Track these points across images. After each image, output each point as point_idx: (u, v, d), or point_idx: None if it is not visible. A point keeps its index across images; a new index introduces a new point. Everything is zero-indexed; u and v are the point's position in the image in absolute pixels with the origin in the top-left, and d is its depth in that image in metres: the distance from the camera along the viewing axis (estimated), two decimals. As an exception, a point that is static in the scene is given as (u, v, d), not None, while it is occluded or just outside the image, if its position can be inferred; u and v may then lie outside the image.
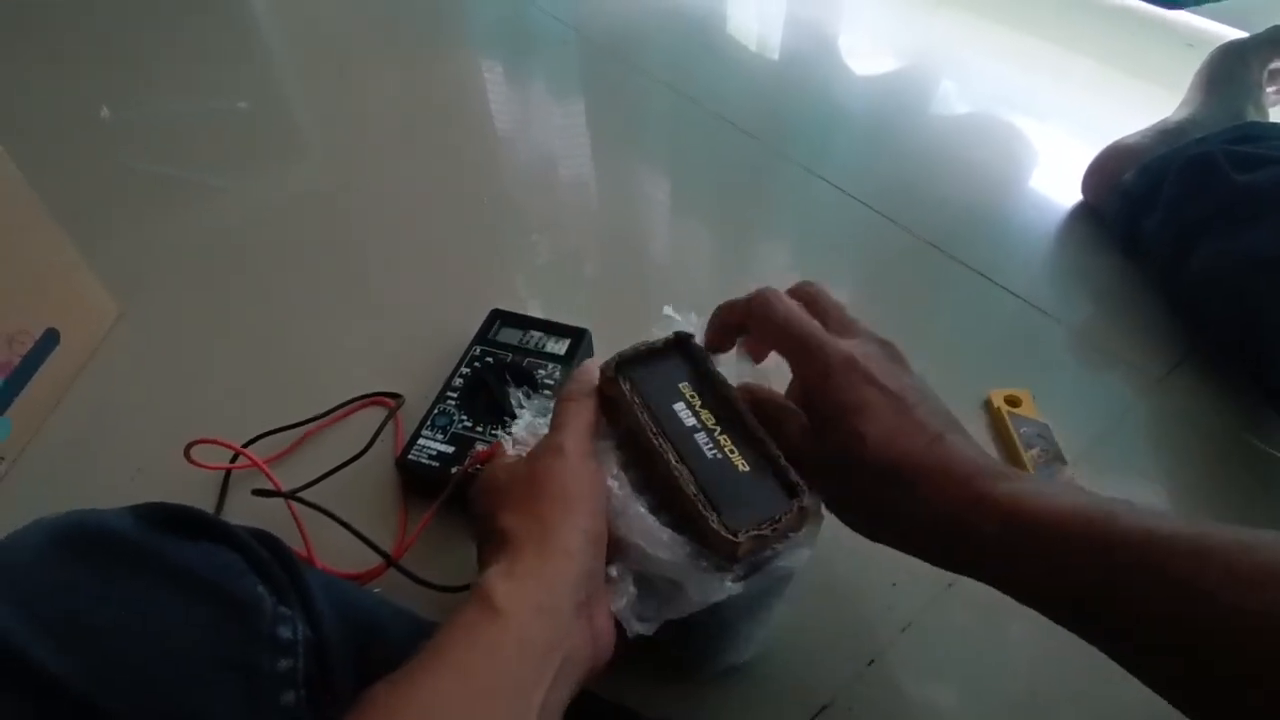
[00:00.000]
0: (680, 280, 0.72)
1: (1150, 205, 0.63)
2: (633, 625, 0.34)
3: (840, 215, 0.77)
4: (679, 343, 0.39)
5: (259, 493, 0.48)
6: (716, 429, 0.36)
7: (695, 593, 0.33)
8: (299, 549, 0.49)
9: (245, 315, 0.69)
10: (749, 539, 0.32)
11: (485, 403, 0.56)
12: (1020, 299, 0.67)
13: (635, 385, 0.37)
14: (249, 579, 0.32)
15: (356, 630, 0.35)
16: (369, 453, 0.55)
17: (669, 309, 0.40)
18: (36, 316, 0.58)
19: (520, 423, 0.40)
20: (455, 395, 0.56)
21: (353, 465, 0.54)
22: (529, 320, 0.61)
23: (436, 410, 0.55)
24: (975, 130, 0.89)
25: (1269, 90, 0.68)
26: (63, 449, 0.59)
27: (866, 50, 1.05)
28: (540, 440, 0.36)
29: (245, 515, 0.51)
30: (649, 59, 1.00)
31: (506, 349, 0.59)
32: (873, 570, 0.50)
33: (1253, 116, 0.64)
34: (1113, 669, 0.36)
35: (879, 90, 0.97)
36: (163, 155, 0.88)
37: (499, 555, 0.31)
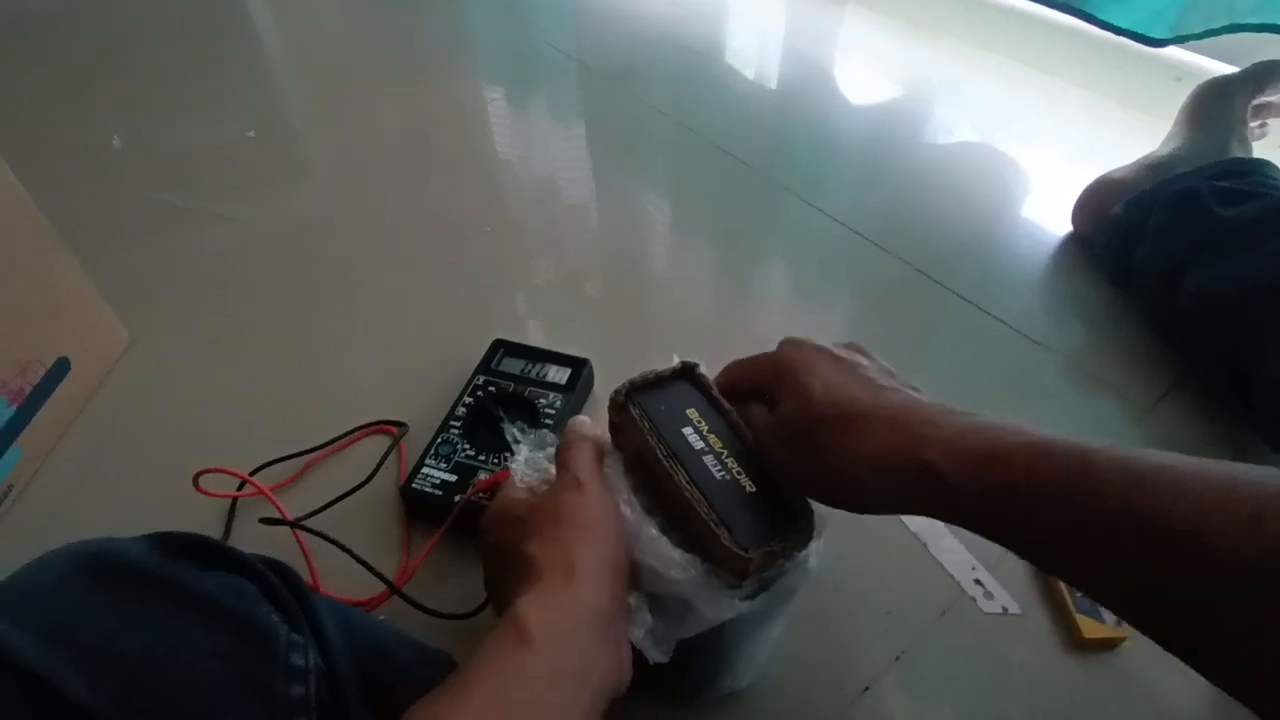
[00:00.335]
0: (679, 308, 0.74)
1: (1139, 237, 0.65)
2: (652, 654, 0.35)
3: (835, 244, 0.79)
4: (685, 371, 0.41)
5: (266, 521, 0.49)
6: (724, 452, 0.38)
7: (708, 610, 0.35)
8: (305, 576, 0.50)
9: (253, 343, 0.70)
10: (760, 555, 0.34)
11: (488, 432, 0.57)
12: (1011, 328, 0.68)
13: (645, 411, 0.39)
14: (263, 606, 0.32)
15: (364, 657, 0.36)
16: (373, 481, 0.56)
17: (677, 357, 0.42)
18: (49, 345, 0.60)
19: (519, 458, 0.41)
20: (458, 424, 0.57)
21: (357, 493, 0.55)
22: (531, 350, 0.62)
23: (440, 439, 0.56)
24: (968, 160, 0.91)
25: (1252, 125, 0.70)
26: (72, 476, 0.60)
27: (862, 81, 1.07)
28: (556, 479, 0.37)
29: (251, 542, 0.52)
30: (649, 89, 1.02)
31: (509, 378, 0.60)
32: (868, 598, 0.51)
33: (1236, 151, 0.66)
34: (1109, 694, 0.37)
35: (874, 121, 0.99)
36: (173, 183, 0.89)
37: (527, 584, 0.32)
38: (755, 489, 0.36)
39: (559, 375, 0.60)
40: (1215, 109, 0.69)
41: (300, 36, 1.25)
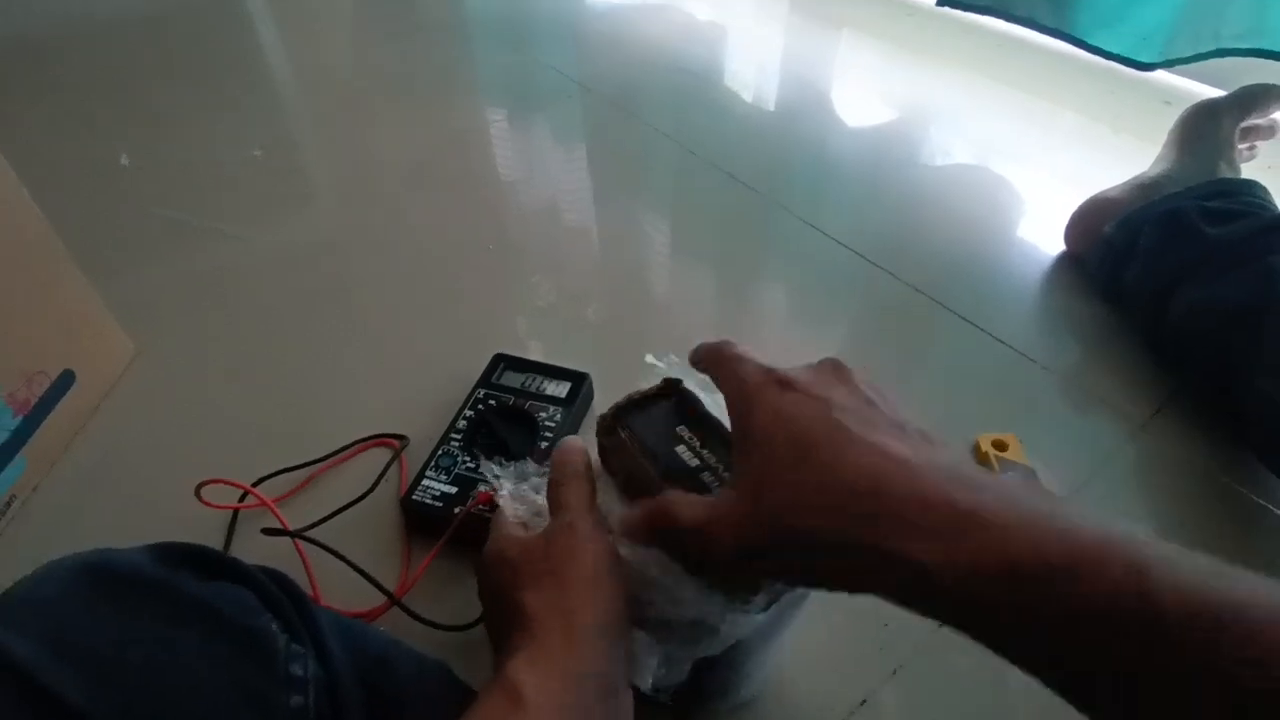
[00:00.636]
0: (679, 326, 0.75)
1: (1130, 256, 0.66)
2: (665, 686, 0.35)
3: (833, 263, 0.80)
4: (669, 388, 0.41)
5: (267, 531, 0.50)
6: (719, 466, 0.37)
7: (724, 630, 0.34)
8: (305, 588, 0.50)
9: (256, 356, 0.71)
10: None
11: (488, 445, 0.57)
12: (1007, 345, 0.69)
13: (634, 432, 0.38)
14: (263, 616, 0.33)
15: (365, 668, 0.36)
16: (374, 493, 0.56)
17: (650, 357, 0.42)
18: (55, 357, 0.60)
19: (503, 495, 0.40)
20: (459, 437, 0.58)
21: (358, 505, 0.55)
22: (531, 364, 0.63)
23: (440, 451, 0.57)
24: (964, 181, 0.93)
25: (1241, 147, 0.71)
26: (75, 487, 0.60)
27: (859, 104, 1.09)
28: (551, 519, 0.36)
29: (252, 553, 0.52)
30: (650, 112, 1.04)
31: (509, 392, 0.61)
32: (865, 611, 0.51)
33: (1225, 173, 0.67)
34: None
35: (871, 143, 1.01)
36: (180, 201, 0.91)
37: (522, 639, 0.31)
38: None
39: (559, 389, 0.61)
40: (1204, 131, 0.70)
41: (307, 61, 1.27)
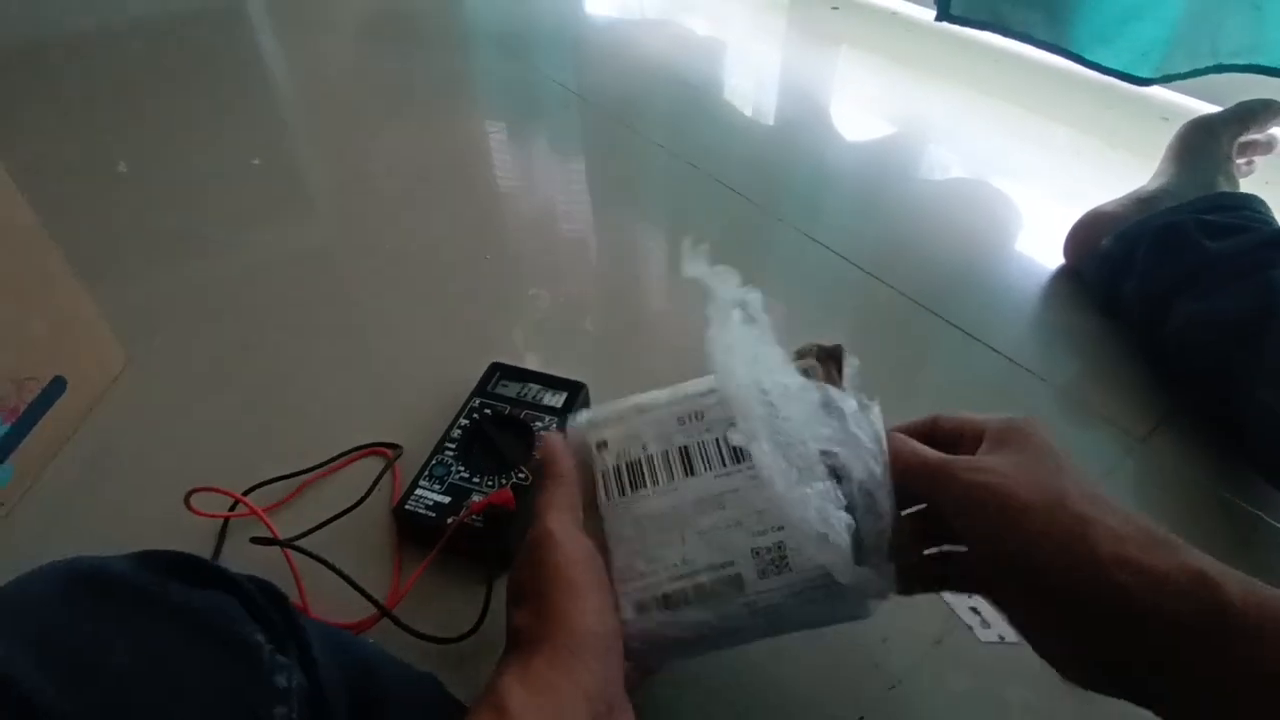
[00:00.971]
0: (675, 335, 0.74)
1: (1127, 270, 0.66)
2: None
3: (832, 275, 0.79)
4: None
5: (257, 540, 0.49)
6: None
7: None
8: (294, 598, 0.50)
9: (251, 365, 0.71)
10: None
11: (483, 454, 0.57)
12: (1006, 358, 0.69)
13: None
14: (248, 626, 0.32)
15: (352, 679, 0.36)
16: (367, 502, 0.56)
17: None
18: (46, 363, 0.60)
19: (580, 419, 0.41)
20: (454, 446, 0.57)
21: (350, 514, 0.55)
22: (527, 373, 0.62)
23: (434, 461, 0.56)
24: (962, 195, 0.93)
25: (1239, 162, 0.71)
26: (64, 495, 0.59)
27: (856, 118, 1.09)
28: (531, 530, 0.36)
29: (242, 563, 0.51)
30: (648, 123, 1.04)
31: (505, 401, 0.60)
32: (862, 625, 0.50)
33: (1223, 187, 0.67)
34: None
35: (869, 156, 1.01)
36: (177, 209, 0.90)
37: (514, 656, 0.31)
38: None
39: (555, 399, 0.60)
40: (1202, 146, 0.70)
41: (308, 70, 1.28)
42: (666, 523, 0.36)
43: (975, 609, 0.51)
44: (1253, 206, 0.63)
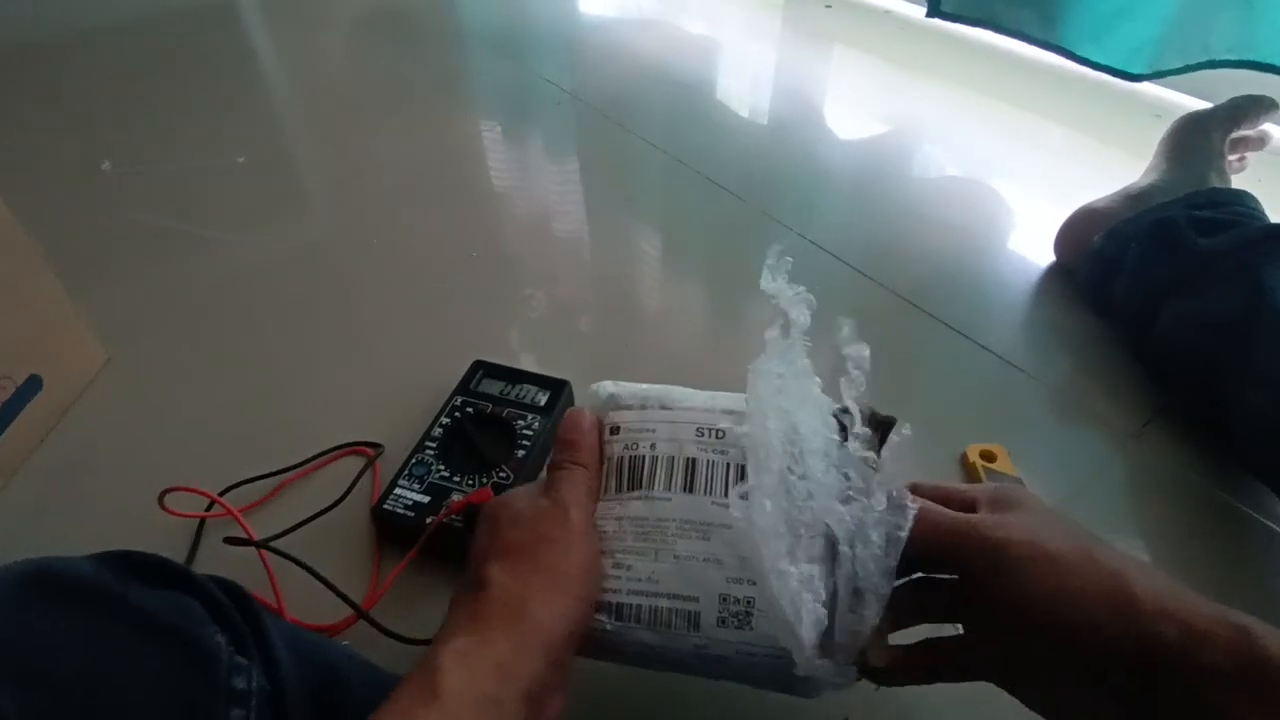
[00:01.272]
0: (664, 335, 0.73)
1: (1118, 267, 0.65)
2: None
3: (823, 274, 0.79)
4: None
5: (230, 540, 0.48)
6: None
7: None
8: (269, 599, 0.49)
9: (231, 363, 0.70)
10: None
11: (464, 453, 0.56)
12: (997, 356, 0.68)
13: None
14: (208, 628, 0.31)
15: (318, 682, 0.35)
16: (346, 502, 0.55)
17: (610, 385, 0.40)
18: (20, 362, 0.59)
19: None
20: (434, 445, 0.56)
21: (329, 514, 0.54)
22: (510, 371, 0.62)
23: (414, 460, 0.55)
24: (954, 193, 0.92)
25: (1231, 159, 0.70)
26: (39, 495, 0.58)
27: (849, 117, 1.08)
28: (543, 498, 0.35)
29: (217, 564, 0.51)
30: (640, 122, 1.03)
31: (487, 399, 0.59)
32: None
33: (1215, 183, 0.67)
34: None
35: (862, 154, 1.01)
36: (160, 207, 0.90)
37: (465, 620, 0.29)
38: None
39: (539, 397, 0.60)
40: (1193, 143, 0.70)
41: (298, 69, 1.27)
42: (647, 532, 0.35)
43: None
44: (1244, 202, 0.63)
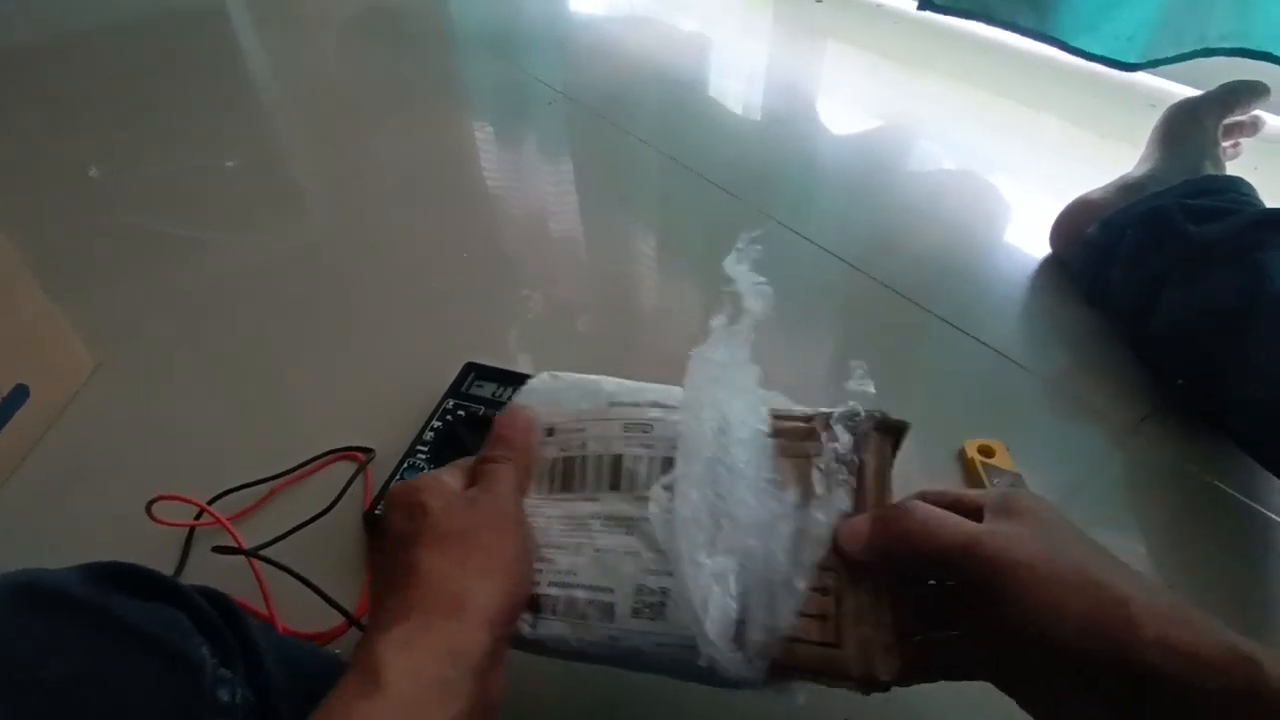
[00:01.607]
0: (658, 334, 0.73)
1: (1113, 258, 0.65)
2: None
3: (819, 270, 0.78)
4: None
5: (219, 549, 0.48)
6: None
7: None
8: (260, 608, 0.48)
9: (220, 369, 0.69)
10: None
11: (456, 456, 0.55)
12: (994, 350, 0.68)
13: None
14: (194, 639, 0.31)
15: (306, 692, 0.34)
16: (337, 508, 0.54)
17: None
18: (6, 372, 0.58)
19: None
20: (426, 449, 0.56)
21: (320, 521, 0.53)
22: (502, 373, 0.61)
23: (406, 464, 0.55)
24: (949, 186, 0.92)
25: (1225, 145, 0.70)
26: (27, 506, 0.58)
27: (843, 113, 1.08)
28: (474, 489, 0.34)
29: (207, 573, 0.50)
30: (634, 121, 1.03)
31: (479, 402, 0.59)
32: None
33: (1209, 171, 0.66)
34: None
35: (855, 149, 1.00)
36: (146, 213, 0.89)
37: (401, 609, 0.28)
38: None
39: (530, 399, 0.59)
40: (1186, 131, 0.69)
41: (289, 71, 1.26)
42: (573, 529, 0.35)
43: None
44: (1238, 189, 0.62)
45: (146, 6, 1.39)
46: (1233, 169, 0.69)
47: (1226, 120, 0.69)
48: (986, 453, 0.57)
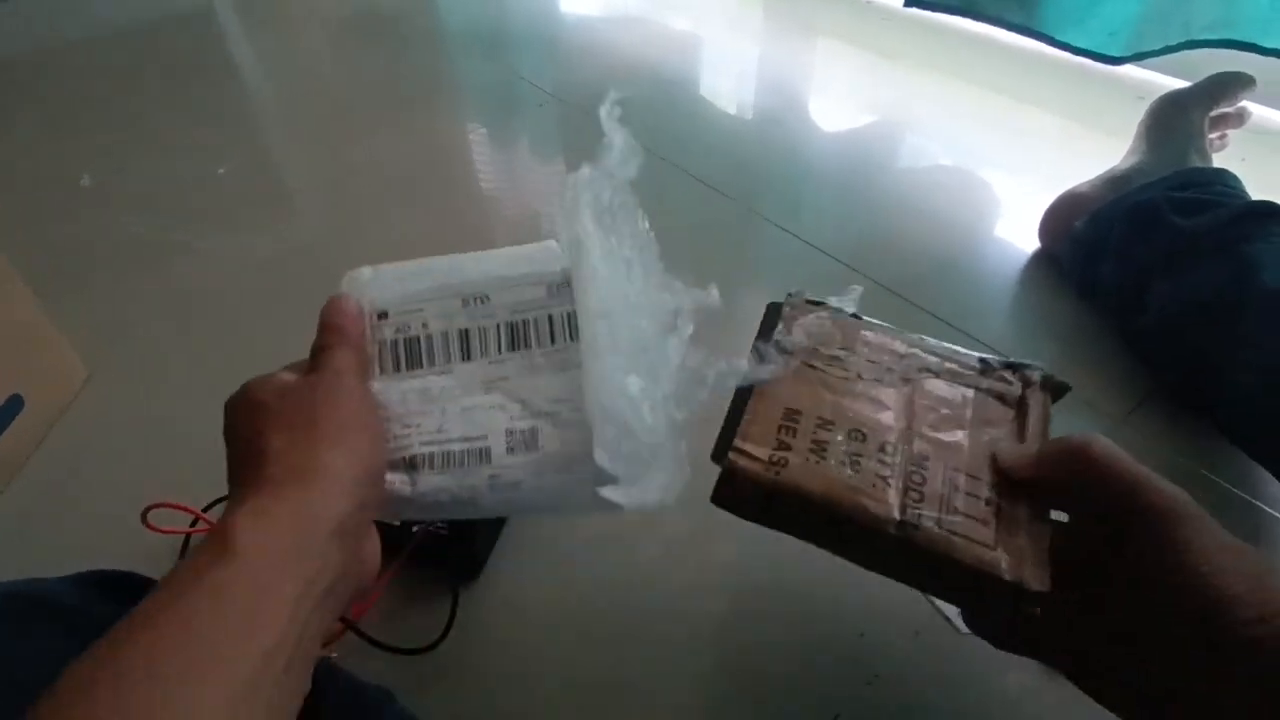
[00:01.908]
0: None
1: (1102, 251, 0.65)
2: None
3: (810, 268, 0.78)
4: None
5: (214, 556, 0.48)
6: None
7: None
8: (256, 613, 0.48)
9: (215, 375, 0.68)
10: None
11: (449, 459, 0.55)
12: (984, 344, 0.68)
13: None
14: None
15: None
16: (331, 512, 0.54)
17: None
18: (1, 381, 0.59)
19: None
20: (419, 452, 0.56)
21: (314, 525, 0.53)
22: (495, 376, 0.61)
23: (399, 468, 0.55)
24: (939, 182, 0.92)
25: (1211, 137, 0.70)
26: (23, 515, 0.58)
27: (833, 109, 1.08)
28: (311, 373, 0.35)
29: (204, 579, 0.51)
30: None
31: (472, 405, 0.59)
32: (839, 619, 0.49)
33: (1195, 163, 0.66)
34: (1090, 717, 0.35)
35: (845, 147, 1.00)
36: (140, 221, 0.89)
37: (254, 485, 0.28)
38: None
39: (523, 401, 0.59)
40: (1173, 123, 0.69)
41: (279, 76, 1.26)
42: (432, 398, 0.36)
43: (953, 600, 0.50)
44: (1224, 181, 0.62)
45: (136, 13, 1.39)
46: (1220, 160, 0.69)
47: (1213, 112, 0.69)
48: (978, 447, 0.57)
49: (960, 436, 0.37)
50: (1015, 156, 0.95)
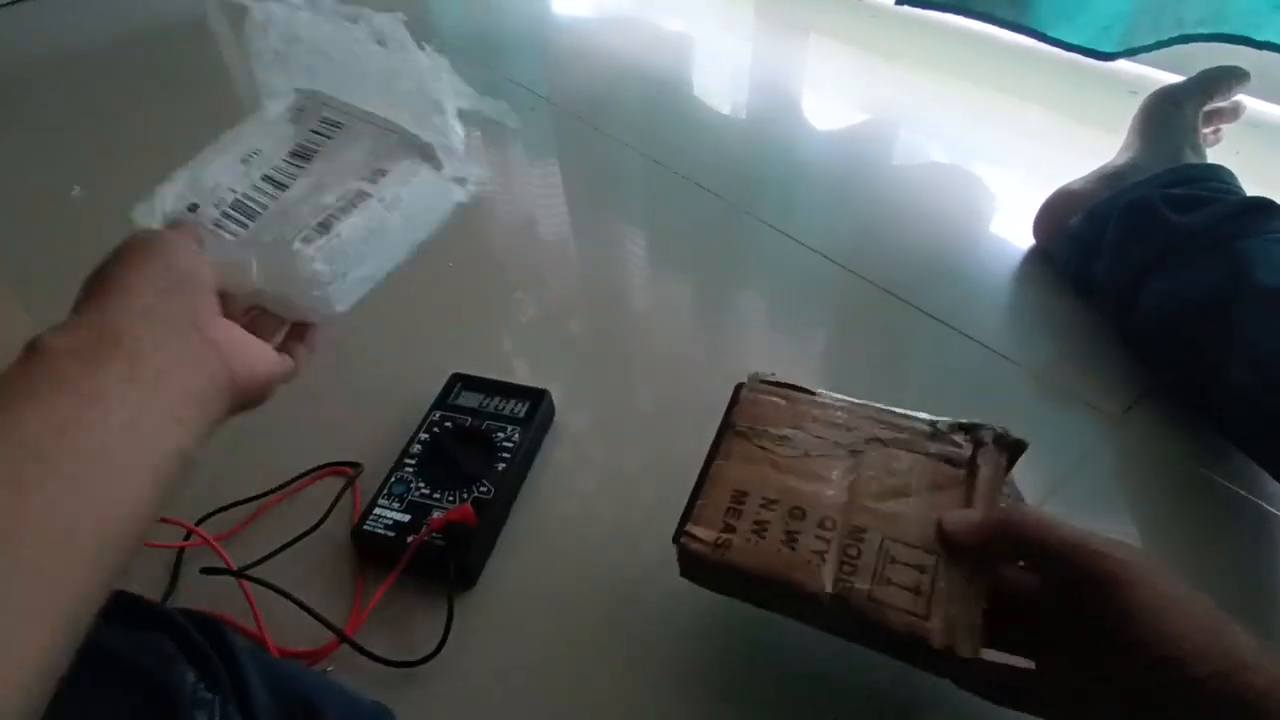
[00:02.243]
0: (646, 338, 0.73)
1: (1097, 249, 0.65)
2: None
3: (804, 269, 0.78)
4: None
5: (207, 571, 0.48)
6: None
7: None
8: (251, 627, 0.48)
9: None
10: None
11: (443, 468, 0.55)
12: (979, 343, 0.68)
13: None
14: (177, 665, 0.31)
15: (294, 713, 0.34)
16: (326, 524, 0.54)
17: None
18: (-8, 398, 0.58)
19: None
20: (413, 462, 0.56)
21: (309, 538, 0.53)
22: (488, 383, 0.61)
23: (393, 478, 0.55)
24: (932, 180, 0.91)
25: (1205, 132, 0.70)
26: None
27: (826, 108, 1.08)
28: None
29: (198, 595, 0.50)
30: (616, 124, 1.02)
31: (466, 413, 0.59)
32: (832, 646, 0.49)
33: (1190, 159, 0.66)
34: None
35: (839, 146, 1.00)
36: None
37: (136, 293, 0.32)
38: None
39: (518, 408, 0.59)
40: (1167, 118, 0.69)
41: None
42: (291, 206, 0.41)
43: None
44: (1219, 177, 0.62)
45: (128, 24, 1.38)
46: (1214, 155, 0.69)
47: (1207, 107, 0.69)
48: (975, 447, 0.57)
49: (903, 505, 0.38)
50: (1008, 153, 0.95)
